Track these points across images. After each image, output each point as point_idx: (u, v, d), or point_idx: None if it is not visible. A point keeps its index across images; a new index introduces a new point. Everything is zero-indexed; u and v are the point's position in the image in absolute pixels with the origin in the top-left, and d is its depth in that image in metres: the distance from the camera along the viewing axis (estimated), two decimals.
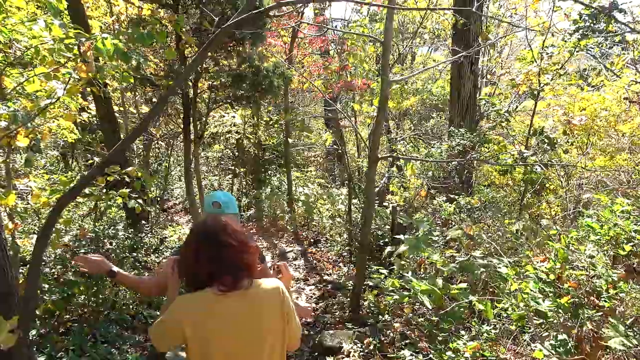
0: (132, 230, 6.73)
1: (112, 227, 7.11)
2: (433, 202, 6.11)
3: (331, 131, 11.66)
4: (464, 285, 3.74)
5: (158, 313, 4.70)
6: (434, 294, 3.67)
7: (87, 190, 5.12)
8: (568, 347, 2.26)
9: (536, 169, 7.38)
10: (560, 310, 2.43)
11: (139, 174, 5.20)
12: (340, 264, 6.97)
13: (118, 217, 8.08)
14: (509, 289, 3.58)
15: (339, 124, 9.93)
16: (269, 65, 6.20)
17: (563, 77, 7.68)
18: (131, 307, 4.62)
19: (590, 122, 8.95)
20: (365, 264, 4.72)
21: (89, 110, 7.61)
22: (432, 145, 7.07)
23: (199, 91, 6.19)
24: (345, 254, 7.08)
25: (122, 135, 7.65)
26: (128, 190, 4.96)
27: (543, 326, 2.66)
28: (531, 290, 2.70)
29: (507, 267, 3.34)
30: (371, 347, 3.97)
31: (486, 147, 6.99)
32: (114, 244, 6.29)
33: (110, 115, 6.98)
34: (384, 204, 8.59)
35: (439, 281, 3.87)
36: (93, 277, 4.36)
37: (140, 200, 4.83)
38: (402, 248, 4.18)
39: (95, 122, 7.43)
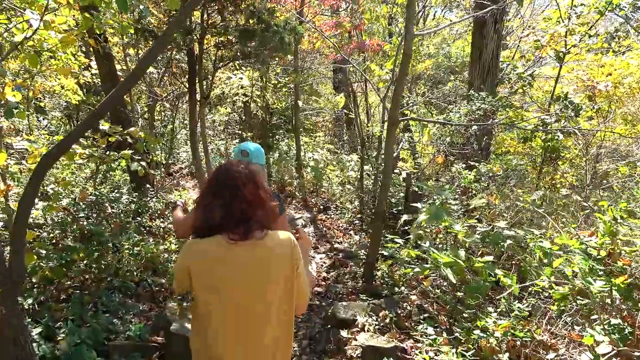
0: (137, 194, 6.51)
1: (115, 191, 6.91)
2: (451, 170, 5.80)
3: (342, 95, 11.23)
4: (489, 257, 3.49)
5: (163, 281, 4.53)
6: (456, 266, 3.42)
7: (88, 152, 4.88)
8: (625, 333, 2.00)
9: (558, 136, 7.03)
10: (614, 292, 2.16)
11: (142, 135, 4.93)
12: (351, 232, 6.74)
13: (122, 181, 7.87)
14: (550, 266, 3.32)
15: (350, 88, 9.48)
16: (279, 21, 5.79)
17: (592, 39, 7.18)
18: (135, 274, 4.42)
19: (613, 89, 8.51)
20: (380, 233, 4.46)
21: (91, 70, 7.29)
22: (450, 110, 6.69)
23: (205, 48, 5.82)
24: (356, 221, 6.83)
25: (126, 97, 7.33)
26: (131, 152, 4.70)
27: (586, 308, 2.40)
28: (579, 268, 2.42)
29: (541, 240, 3.05)
30: (387, 320, 3.75)
31: (508, 112, 6.61)
32: (116, 208, 6.08)
33: (112, 75, 6.64)
34: (395, 171, 8.30)
35: (461, 253, 3.62)
36: (94, 242, 4.17)
37: (143, 163, 4.57)
38: (422, 217, 3.91)
39: (99, 83, 7.12)
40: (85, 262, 3.98)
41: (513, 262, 3.85)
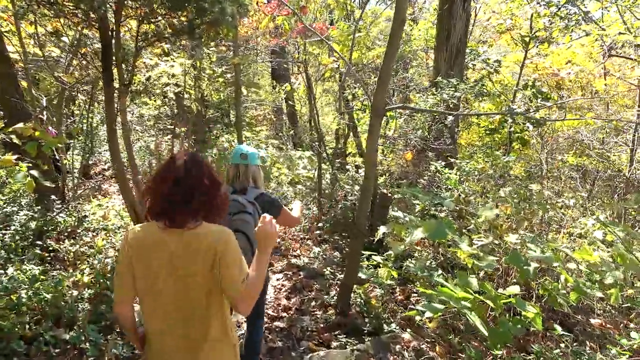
0: (39, 207, 5.15)
1: (11, 204, 5.47)
2: (429, 168, 4.99)
3: (287, 84, 10.20)
4: (515, 288, 2.66)
5: (67, 336, 3.32)
6: (473, 304, 2.56)
7: None
8: None
9: (528, 127, 6.47)
10: None
11: (36, 134, 3.66)
12: (310, 242, 5.77)
13: (24, 191, 6.39)
14: (579, 292, 2.55)
15: (305, 75, 8.45)
16: None
17: (563, 22, 6.65)
18: (27, 326, 3.19)
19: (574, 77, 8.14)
20: (359, 253, 3.54)
21: None
22: (416, 99, 5.88)
23: (122, 21, 4.57)
24: (315, 230, 5.87)
25: (24, 84, 5.86)
26: (15, 156, 3.43)
27: None
28: None
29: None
30: None
31: (482, 100, 5.92)
32: (11, 228, 4.71)
33: (2, 56, 5.20)
34: (347, 167, 7.43)
35: (473, 282, 2.77)
36: None
37: (34, 172, 3.31)
38: (417, 234, 3.01)
39: None
40: None
41: (534, 286, 3.06)
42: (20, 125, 3.52)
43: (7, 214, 4.93)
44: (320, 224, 5.84)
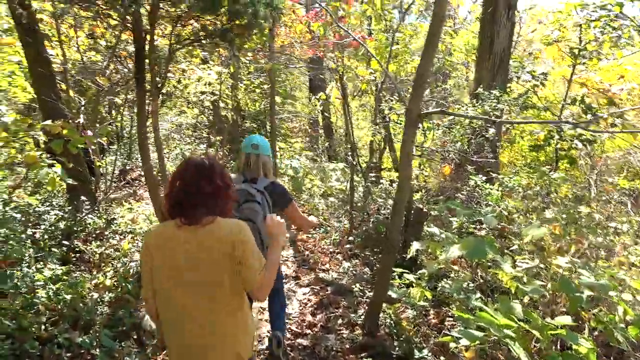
0: (70, 208, 5.15)
1: (46, 203, 5.51)
2: (468, 183, 4.69)
3: (323, 93, 10.06)
4: (565, 319, 2.35)
5: (79, 339, 3.21)
6: (515, 333, 2.27)
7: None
8: None
9: (576, 144, 6.05)
10: None
11: (65, 132, 3.62)
12: (339, 257, 5.54)
13: (61, 191, 6.46)
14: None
15: (340, 85, 8.30)
16: None
17: (615, 34, 6.22)
18: (43, 326, 3.10)
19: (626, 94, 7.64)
20: (390, 270, 3.28)
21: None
22: (455, 111, 5.59)
23: (157, 23, 4.55)
24: (346, 244, 5.63)
25: (63, 87, 5.95)
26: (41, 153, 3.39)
27: None
28: None
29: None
30: None
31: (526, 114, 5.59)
32: (41, 227, 4.72)
33: (42, 57, 5.28)
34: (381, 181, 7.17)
35: (517, 307, 2.48)
36: None
37: (56, 169, 3.25)
38: (455, 252, 2.75)
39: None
40: None
41: (584, 319, 2.73)
42: (48, 122, 3.49)
43: (40, 213, 4.95)
44: (351, 238, 5.61)
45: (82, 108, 5.81)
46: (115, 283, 3.86)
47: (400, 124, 8.42)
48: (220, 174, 1.81)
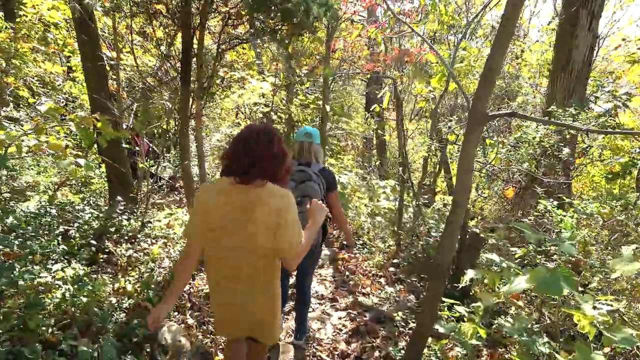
0: (107, 208, 5.03)
1: (86, 201, 5.45)
2: (536, 207, 4.10)
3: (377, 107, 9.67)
4: None
5: (85, 349, 2.93)
6: None
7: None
8: None
9: None
10: None
11: (99, 124, 3.45)
12: (382, 280, 5.05)
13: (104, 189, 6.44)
14: None
15: (395, 97, 7.91)
16: None
17: None
18: (52, 329, 2.86)
19: None
20: (439, 298, 2.79)
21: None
22: (524, 130, 4.99)
23: (208, 18, 4.37)
24: (390, 267, 5.14)
25: (113, 87, 5.95)
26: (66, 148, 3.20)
27: None
28: None
29: None
30: None
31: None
32: (75, 224, 4.60)
33: (96, 55, 5.27)
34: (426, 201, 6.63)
35: (599, 358, 1.94)
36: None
37: (81, 161, 3.04)
38: (520, 285, 2.24)
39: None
40: None
41: None
42: (82, 114, 3.34)
43: (78, 211, 4.86)
44: (396, 261, 5.11)
45: (132, 109, 5.78)
46: (137, 289, 3.60)
47: (458, 144, 7.85)
48: (278, 142, 1.88)
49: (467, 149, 2.39)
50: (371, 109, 10.06)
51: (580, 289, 3.05)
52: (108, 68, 5.88)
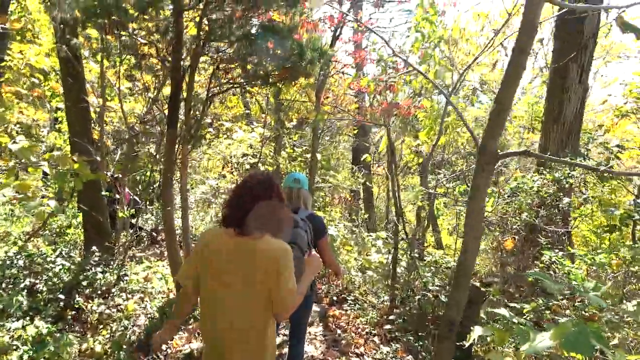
0: (80, 259, 4.68)
1: (60, 252, 5.07)
2: (540, 258, 3.89)
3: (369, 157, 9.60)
4: None
5: None
6: None
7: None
8: None
9: None
10: None
11: (75, 166, 3.20)
12: (376, 339, 4.69)
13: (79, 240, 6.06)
14: None
15: (389, 145, 7.88)
16: (300, 41, 4.26)
17: None
18: None
19: None
20: None
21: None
22: (519, 182, 4.88)
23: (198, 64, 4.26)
24: (385, 324, 4.81)
25: (96, 132, 5.76)
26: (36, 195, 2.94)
27: None
28: None
29: None
30: None
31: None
32: (44, 276, 4.22)
33: (82, 102, 5.11)
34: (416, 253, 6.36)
35: None
36: None
37: (52, 202, 2.77)
38: (544, 342, 1.99)
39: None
40: None
41: None
42: (57, 153, 3.11)
43: (48, 262, 4.49)
44: (391, 317, 4.78)
45: (116, 155, 5.55)
46: (107, 350, 3.22)
47: (447, 198, 7.72)
48: (279, 193, 1.96)
49: (477, 194, 2.20)
50: (362, 158, 9.99)
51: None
52: (94, 115, 5.72)
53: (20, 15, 10.03)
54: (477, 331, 2.77)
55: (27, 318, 3.39)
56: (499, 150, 2.16)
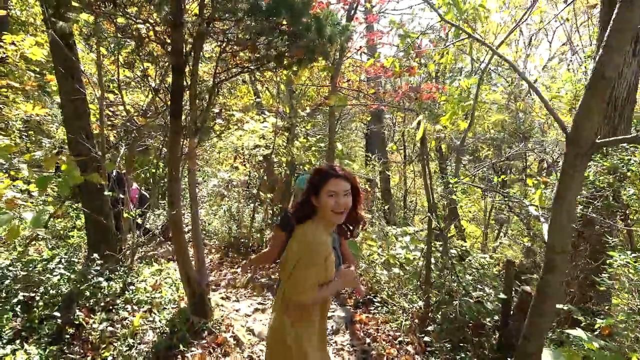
0: (81, 267, 4.25)
1: (60, 259, 4.65)
2: (601, 258, 3.36)
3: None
4: None
5: None
6: None
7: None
8: None
9: None
10: None
11: (63, 166, 2.73)
12: (409, 348, 4.21)
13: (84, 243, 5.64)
14: None
15: (419, 132, 7.36)
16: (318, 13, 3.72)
17: None
18: None
19: None
20: None
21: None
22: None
23: (203, 47, 3.75)
24: (424, 335, 4.31)
25: (96, 126, 5.31)
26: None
27: None
28: None
29: None
30: None
31: None
32: (41, 288, 3.80)
33: (77, 93, 4.64)
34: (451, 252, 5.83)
35: None
36: None
37: (27, 214, 2.30)
38: None
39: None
40: None
41: None
42: (39, 153, 2.66)
43: (45, 271, 4.07)
44: (430, 328, 4.28)
45: (121, 151, 5.09)
46: None
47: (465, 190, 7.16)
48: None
49: (570, 183, 1.68)
50: (387, 147, 9.45)
51: None
52: (93, 107, 5.27)
53: (22, 8, 9.61)
54: (546, 356, 2.28)
55: (20, 341, 2.97)
56: (596, 139, 1.63)
